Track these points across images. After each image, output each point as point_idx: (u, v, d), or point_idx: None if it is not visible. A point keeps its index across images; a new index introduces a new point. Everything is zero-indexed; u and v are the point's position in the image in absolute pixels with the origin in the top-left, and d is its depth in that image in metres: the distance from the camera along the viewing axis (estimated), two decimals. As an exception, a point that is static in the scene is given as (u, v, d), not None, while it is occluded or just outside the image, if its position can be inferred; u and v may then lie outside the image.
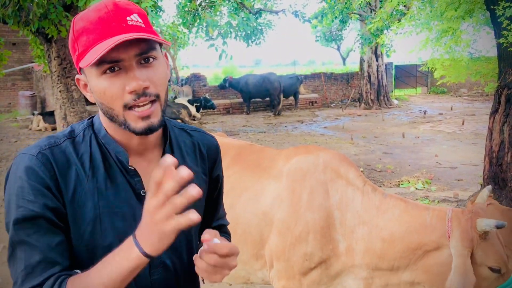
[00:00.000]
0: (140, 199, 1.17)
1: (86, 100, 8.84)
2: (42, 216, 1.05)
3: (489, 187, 2.06)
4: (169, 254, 1.22)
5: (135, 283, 1.10)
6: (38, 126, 14.14)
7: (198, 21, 9.81)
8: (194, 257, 1.13)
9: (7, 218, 1.09)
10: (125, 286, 1.02)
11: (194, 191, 0.93)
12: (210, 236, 1.09)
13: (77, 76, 1.17)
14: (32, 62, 15.87)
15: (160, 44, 1.15)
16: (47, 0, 6.27)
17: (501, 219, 3.55)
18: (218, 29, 9.68)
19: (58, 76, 7.79)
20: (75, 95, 8.00)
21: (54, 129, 12.99)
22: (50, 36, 7.06)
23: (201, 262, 1.09)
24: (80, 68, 1.14)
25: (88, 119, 1.24)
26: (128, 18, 1.08)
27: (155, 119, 1.11)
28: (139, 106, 1.09)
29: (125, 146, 1.19)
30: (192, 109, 16.51)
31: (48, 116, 13.93)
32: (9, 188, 1.10)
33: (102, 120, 1.20)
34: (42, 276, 1.03)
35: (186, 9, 9.88)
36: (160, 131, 1.23)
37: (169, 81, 1.22)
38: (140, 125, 1.10)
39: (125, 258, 0.98)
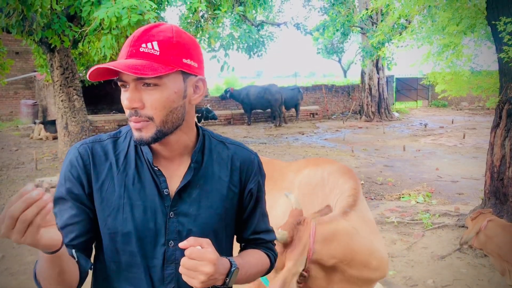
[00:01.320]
0: (163, 197, 1.32)
1: (88, 109, 8.87)
2: (66, 198, 1.30)
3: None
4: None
5: (149, 274, 1.31)
6: (39, 135, 14.15)
7: (200, 32, 9.85)
8: None
9: None
10: (59, 272, 1.16)
11: (31, 190, 0.99)
12: (188, 243, 1.17)
13: None
14: (35, 71, 15.95)
15: (185, 72, 1.27)
16: (50, 11, 6.32)
17: (503, 234, 3.54)
18: (220, 41, 9.71)
19: (60, 85, 7.83)
20: (77, 104, 8.02)
21: (55, 138, 12.99)
22: (53, 46, 7.11)
23: (180, 265, 1.18)
24: None
25: None
26: (143, 45, 1.22)
27: (145, 134, 1.26)
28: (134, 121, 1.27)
29: (153, 149, 1.35)
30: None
31: (50, 125, 13.95)
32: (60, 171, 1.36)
33: None
34: None
35: (189, 20, 9.93)
36: (191, 140, 1.39)
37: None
38: (135, 135, 1.27)
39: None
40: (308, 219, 2.09)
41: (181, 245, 1.17)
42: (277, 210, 2.57)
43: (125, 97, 1.24)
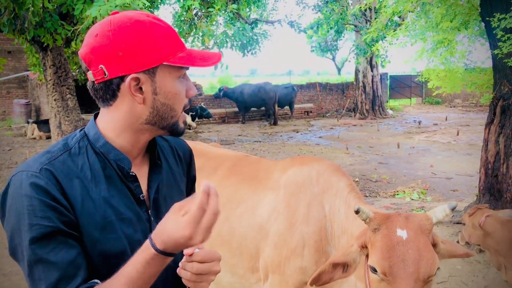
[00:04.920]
0: (140, 203, 1.24)
1: (81, 108, 8.82)
2: (58, 231, 1.06)
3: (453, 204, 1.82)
4: None
5: None
6: (32, 134, 14.08)
7: (194, 30, 9.82)
8: (178, 270, 1.16)
9: (17, 240, 1.08)
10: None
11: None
12: (192, 249, 1.12)
13: (135, 75, 1.15)
14: (28, 71, 15.85)
15: None
16: (42, 9, 6.26)
17: (501, 230, 3.54)
18: (214, 39, 9.68)
19: (53, 84, 7.77)
20: (70, 103, 7.97)
21: (48, 137, 12.93)
22: (45, 44, 7.04)
23: (185, 273, 1.13)
24: (146, 70, 1.15)
25: (80, 131, 1.26)
26: None
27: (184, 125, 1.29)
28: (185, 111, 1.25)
29: (125, 153, 1.23)
30: (188, 118, 16.51)
31: (43, 124, 13.88)
32: (15, 209, 1.07)
33: (117, 127, 1.22)
34: None
35: (182, 18, 9.89)
36: None
37: None
38: (182, 126, 1.26)
39: (142, 261, 1.04)
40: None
41: (187, 252, 1.12)
42: (262, 210, 2.53)
43: (191, 85, 1.25)
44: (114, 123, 1.21)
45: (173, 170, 1.40)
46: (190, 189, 1.51)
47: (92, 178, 1.17)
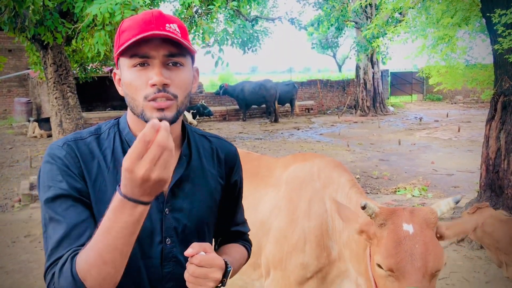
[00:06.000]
0: None
1: (82, 106, 8.81)
2: (69, 195, 1.17)
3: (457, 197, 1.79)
4: (182, 249, 1.26)
5: (147, 274, 1.25)
6: (33, 133, 14.08)
7: (194, 28, 9.79)
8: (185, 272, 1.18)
9: (40, 201, 1.20)
10: (126, 243, 1.04)
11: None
12: (194, 251, 1.14)
13: (114, 70, 1.31)
14: (28, 69, 15.84)
15: (192, 57, 1.29)
16: (43, 7, 6.25)
17: (501, 229, 3.55)
18: (214, 36, 9.68)
19: (54, 82, 7.76)
20: (71, 101, 7.97)
21: (49, 136, 12.93)
22: (46, 42, 7.04)
23: (185, 273, 1.16)
24: (117, 64, 1.28)
25: (115, 119, 1.37)
26: (167, 25, 1.20)
27: (169, 114, 1.19)
28: (157, 100, 1.18)
29: None
30: (188, 116, 16.51)
31: (44, 122, 13.88)
32: (41, 174, 1.22)
33: (128, 118, 1.33)
34: (65, 249, 1.12)
35: (183, 16, 9.87)
36: (179, 133, 1.35)
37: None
38: (154, 115, 1.18)
39: (112, 208, 1.02)
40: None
41: (187, 253, 1.14)
42: (263, 207, 2.54)
43: (154, 73, 1.17)
44: (129, 113, 1.32)
45: (206, 170, 1.38)
46: (231, 193, 1.49)
47: (112, 159, 1.26)
